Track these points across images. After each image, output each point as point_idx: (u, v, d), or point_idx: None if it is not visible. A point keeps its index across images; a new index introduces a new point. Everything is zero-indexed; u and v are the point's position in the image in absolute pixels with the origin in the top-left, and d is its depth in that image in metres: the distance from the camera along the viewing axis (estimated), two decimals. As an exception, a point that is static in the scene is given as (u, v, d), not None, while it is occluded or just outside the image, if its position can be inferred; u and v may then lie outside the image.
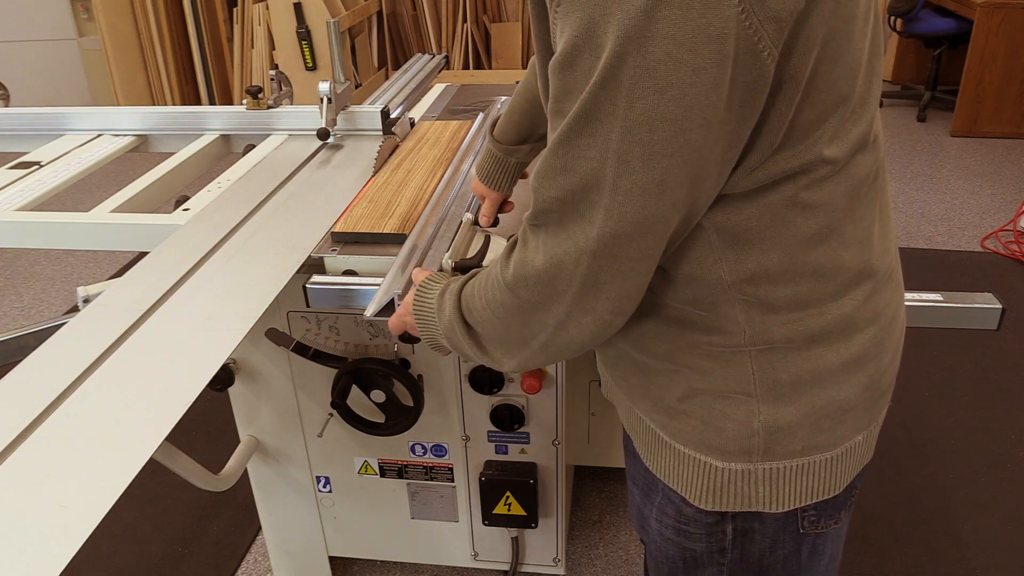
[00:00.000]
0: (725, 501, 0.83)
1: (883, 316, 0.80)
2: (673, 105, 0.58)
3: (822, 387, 0.78)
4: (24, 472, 0.79)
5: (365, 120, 1.69)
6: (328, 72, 4.36)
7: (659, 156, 0.60)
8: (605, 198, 0.63)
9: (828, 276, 0.74)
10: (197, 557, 1.86)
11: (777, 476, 0.81)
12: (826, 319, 0.75)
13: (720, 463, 0.81)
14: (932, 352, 2.51)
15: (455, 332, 0.82)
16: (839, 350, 0.77)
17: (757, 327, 0.75)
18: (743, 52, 0.58)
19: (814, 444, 0.80)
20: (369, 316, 1.01)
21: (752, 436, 0.79)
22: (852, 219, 0.73)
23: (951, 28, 4.41)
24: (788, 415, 0.78)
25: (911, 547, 1.81)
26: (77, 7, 4.80)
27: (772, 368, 0.77)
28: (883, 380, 0.82)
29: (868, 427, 0.83)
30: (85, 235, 1.35)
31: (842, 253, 0.73)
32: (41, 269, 3.27)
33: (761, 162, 0.66)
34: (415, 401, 1.38)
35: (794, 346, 0.76)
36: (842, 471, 0.83)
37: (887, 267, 0.80)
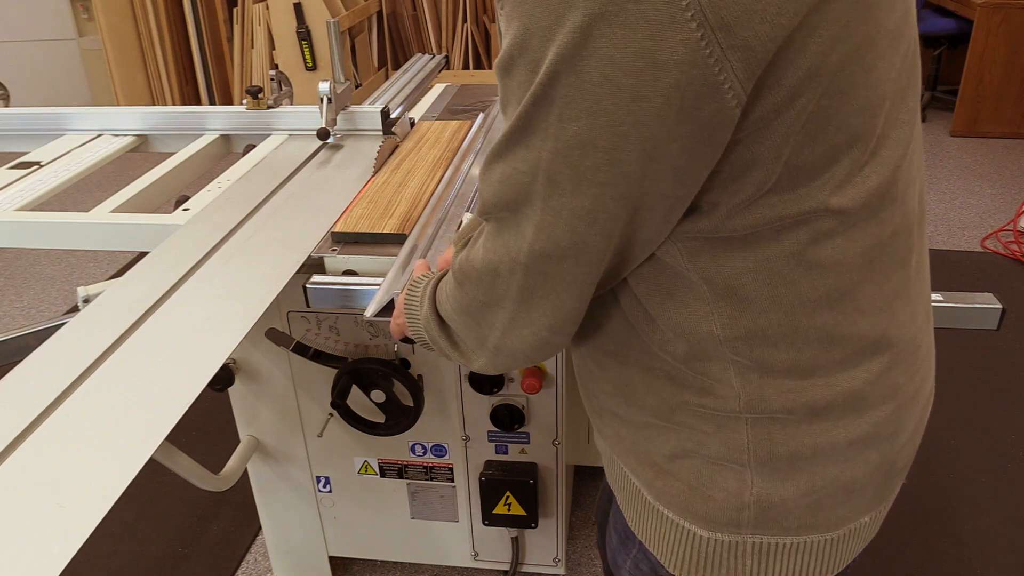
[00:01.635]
0: (707, 571, 0.76)
1: (903, 392, 0.71)
2: (607, 132, 0.53)
3: (824, 465, 0.70)
4: (24, 472, 0.79)
5: (365, 120, 1.69)
6: (328, 72, 4.36)
7: (590, 183, 0.55)
8: (536, 215, 0.59)
9: (837, 344, 0.65)
10: (197, 557, 1.85)
11: (767, 551, 0.74)
12: (833, 392, 0.67)
13: (706, 532, 0.74)
14: (932, 352, 2.50)
15: (431, 327, 0.79)
16: (847, 427, 0.69)
17: (753, 393, 0.67)
18: (699, 84, 0.51)
19: (812, 523, 0.73)
20: (369, 316, 1.01)
21: (742, 509, 0.72)
22: (870, 283, 0.64)
23: (951, 28, 4.41)
24: (784, 491, 0.71)
25: (911, 547, 1.81)
26: (77, 7, 4.80)
27: (769, 439, 0.69)
28: (898, 460, 0.75)
29: (878, 507, 0.76)
30: (85, 235, 1.35)
31: (856, 320, 0.65)
32: (41, 269, 3.27)
33: (750, 203, 0.59)
34: (415, 401, 1.38)
35: (795, 419, 0.68)
36: (842, 552, 0.76)
37: (912, 337, 0.70)
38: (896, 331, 0.68)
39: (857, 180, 0.59)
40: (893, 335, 0.68)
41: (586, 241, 0.59)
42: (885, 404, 0.70)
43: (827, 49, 0.53)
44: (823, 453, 0.70)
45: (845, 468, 0.71)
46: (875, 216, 0.62)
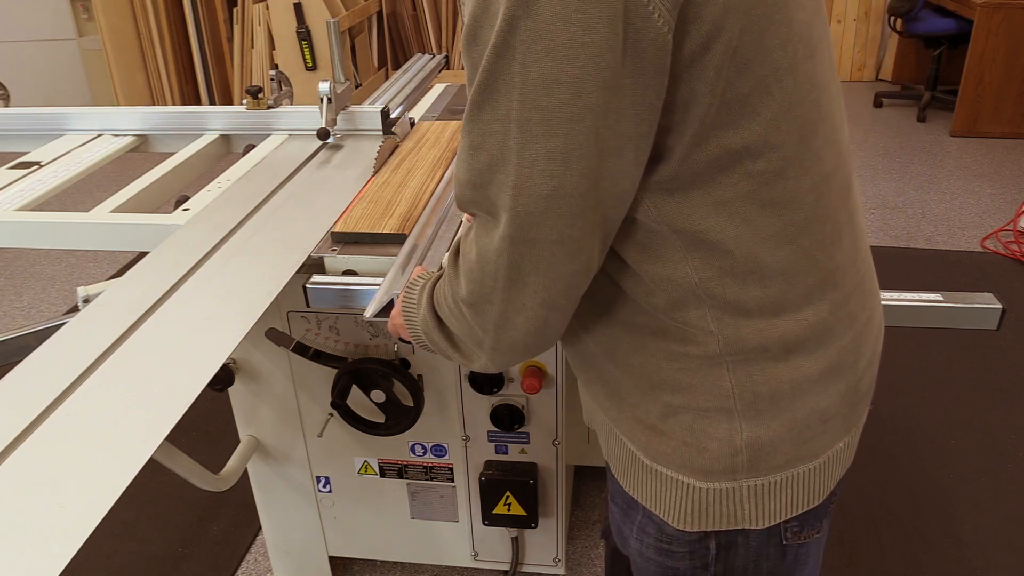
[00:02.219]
0: (708, 521, 0.80)
1: (858, 320, 0.77)
2: (567, 66, 0.57)
3: (802, 398, 0.75)
4: (24, 472, 0.79)
5: (365, 120, 1.69)
6: (328, 72, 4.36)
7: (559, 120, 0.59)
8: (511, 174, 0.62)
9: (799, 277, 0.71)
10: (197, 557, 1.86)
11: (762, 492, 0.78)
12: (801, 326, 0.72)
13: (703, 484, 0.78)
14: (932, 352, 2.51)
15: (430, 328, 0.80)
16: (818, 358, 0.74)
17: (729, 333, 0.72)
18: (634, 15, 0.56)
19: (797, 456, 0.78)
20: (369, 317, 1.01)
21: (736, 454, 0.76)
22: (821, 217, 0.70)
23: (951, 28, 4.41)
24: (771, 430, 0.75)
25: (911, 547, 1.81)
26: (77, 7, 4.80)
27: (751, 380, 0.74)
28: (861, 385, 0.81)
29: (848, 433, 0.82)
30: (85, 235, 1.35)
31: (814, 253, 0.71)
32: (41, 269, 3.27)
33: (698, 141, 0.64)
34: (415, 401, 1.38)
35: (771, 355, 0.73)
36: (825, 479, 0.82)
37: (857, 268, 0.77)
38: (846, 263, 0.74)
39: (790, 114, 0.65)
40: (845, 267, 0.74)
41: (564, 184, 0.61)
42: (846, 333, 0.76)
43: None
44: (800, 387, 0.74)
45: (819, 399, 0.76)
46: (815, 152, 0.68)
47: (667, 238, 0.69)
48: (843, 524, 1.88)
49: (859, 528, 1.87)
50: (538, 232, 0.63)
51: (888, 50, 5.39)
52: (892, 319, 1.11)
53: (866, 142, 4.34)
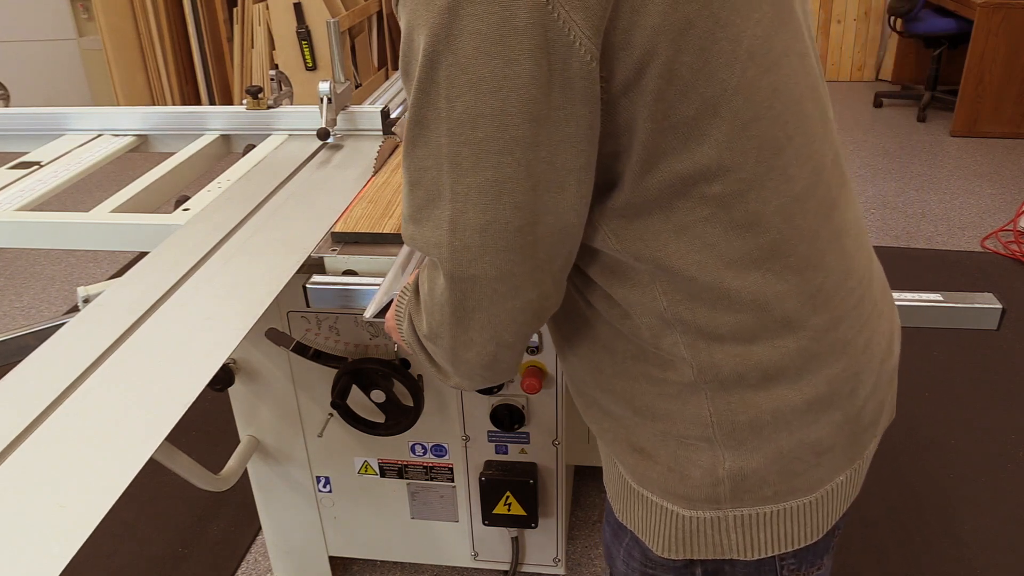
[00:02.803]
0: (693, 549, 0.78)
1: (853, 346, 0.73)
2: (491, 99, 0.56)
3: (788, 429, 0.72)
4: (24, 472, 0.79)
5: (365, 120, 1.69)
6: (328, 72, 4.36)
7: (488, 153, 0.58)
8: (447, 209, 0.61)
9: (773, 303, 0.67)
10: (197, 557, 1.86)
11: (749, 523, 0.75)
12: (780, 352, 0.69)
13: (687, 511, 0.76)
14: (932, 352, 2.51)
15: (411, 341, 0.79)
16: (802, 388, 0.71)
17: (704, 361, 0.69)
18: (556, 44, 0.55)
19: (789, 489, 0.74)
20: (368, 317, 1.01)
21: (718, 484, 0.74)
22: (793, 240, 0.66)
23: (951, 28, 4.41)
24: (754, 461, 0.73)
25: (911, 547, 1.81)
26: (77, 7, 4.80)
27: (729, 410, 0.71)
28: (862, 416, 0.76)
29: (851, 466, 0.77)
30: (85, 235, 1.35)
31: (788, 277, 0.67)
32: (41, 269, 3.27)
33: (647, 168, 0.62)
34: (415, 401, 1.38)
35: (748, 384, 0.70)
36: (823, 515, 0.78)
37: (851, 291, 0.73)
38: (833, 286, 0.70)
39: (745, 134, 0.62)
40: (830, 290, 0.70)
41: (498, 218, 0.60)
42: (837, 361, 0.72)
43: (669, 8, 0.57)
44: (783, 417, 0.71)
45: (809, 431, 0.72)
46: (780, 172, 0.64)
47: (630, 265, 0.68)
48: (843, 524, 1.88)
49: (859, 528, 1.87)
50: (476, 268, 0.62)
51: (888, 50, 5.39)
52: (892, 319, 1.11)
53: (866, 142, 4.34)
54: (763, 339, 0.69)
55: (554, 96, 0.57)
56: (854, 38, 5.41)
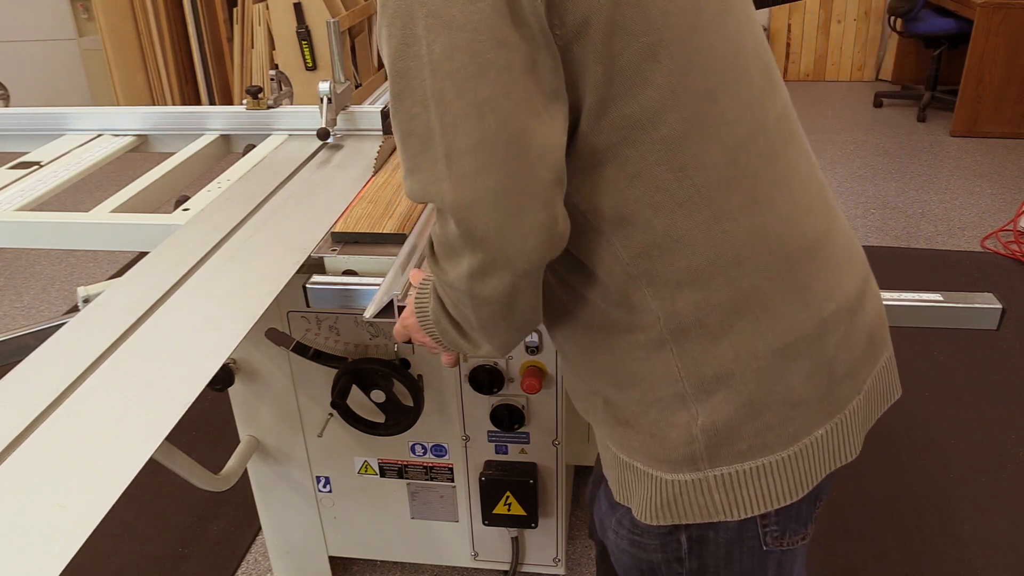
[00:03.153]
0: (679, 514, 0.80)
1: (810, 291, 0.76)
2: (462, 34, 0.63)
3: (755, 379, 0.75)
4: (24, 472, 0.79)
5: (365, 120, 1.69)
6: (328, 72, 4.36)
7: (466, 79, 0.64)
8: (440, 144, 0.66)
9: (725, 241, 0.72)
10: (197, 557, 1.86)
11: (731, 482, 0.78)
12: (735, 292, 0.73)
13: (669, 475, 0.79)
14: (932, 352, 2.51)
15: (441, 318, 0.82)
16: (763, 334, 0.74)
17: (667, 308, 0.74)
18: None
19: (763, 444, 0.77)
20: (368, 317, 1.01)
21: (692, 442, 0.77)
22: (736, 179, 0.72)
23: (951, 28, 4.41)
24: (724, 414, 0.75)
25: (911, 547, 1.81)
26: (77, 7, 4.80)
27: (695, 362, 0.75)
28: (835, 367, 0.78)
29: (830, 420, 0.79)
30: (85, 235, 1.35)
31: (736, 217, 0.72)
32: (41, 269, 3.27)
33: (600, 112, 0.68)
34: (415, 401, 1.38)
35: (710, 331, 0.74)
36: (804, 471, 0.79)
37: (804, 234, 0.76)
38: (784, 228, 0.75)
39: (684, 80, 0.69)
40: (781, 233, 0.75)
41: (485, 136, 0.65)
42: (794, 303, 0.75)
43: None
44: (748, 366, 0.75)
45: (777, 379, 0.75)
46: (719, 116, 0.71)
47: (591, 222, 0.73)
48: (843, 524, 1.88)
49: (859, 528, 1.87)
50: (477, 190, 0.66)
51: (888, 50, 5.39)
52: (892, 319, 1.11)
53: (866, 142, 4.34)
54: (718, 280, 0.73)
55: (516, 31, 0.64)
56: (854, 38, 5.41)
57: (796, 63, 5.54)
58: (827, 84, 5.48)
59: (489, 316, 0.74)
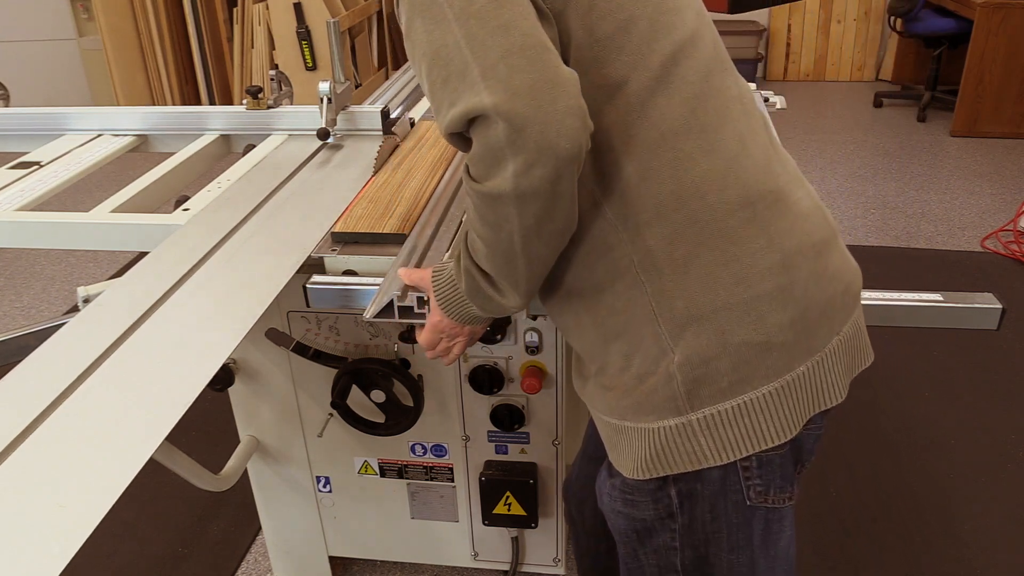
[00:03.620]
0: (670, 463, 0.83)
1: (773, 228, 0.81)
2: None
3: (726, 310, 0.79)
4: (24, 472, 0.79)
5: (365, 120, 1.69)
6: (328, 72, 4.36)
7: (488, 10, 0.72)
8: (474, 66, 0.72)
9: (687, 177, 0.79)
10: (197, 557, 1.86)
11: (714, 423, 0.80)
12: (698, 227, 0.79)
13: (654, 423, 0.82)
14: (932, 352, 2.51)
15: (475, 282, 0.85)
16: (727, 263, 0.79)
17: (639, 247, 0.80)
18: None
19: (742, 379, 0.79)
20: (369, 317, 1.01)
21: (671, 380, 0.80)
22: (696, 127, 0.80)
23: (951, 28, 4.41)
24: (697, 347, 0.79)
25: (911, 547, 1.81)
26: (77, 7, 4.80)
27: (667, 297, 0.80)
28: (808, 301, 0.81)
29: (810, 357, 0.81)
30: (85, 235, 1.35)
31: (698, 159, 0.80)
32: (41, 269, 3.28)
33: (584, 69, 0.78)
34: (415, 401, 1.38)
35: (677, 264, 0.79)
36: (787, 409, 0.81)
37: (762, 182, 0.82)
38: (743, 174, 0.81)
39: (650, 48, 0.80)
40: (741, 176, 0.81)
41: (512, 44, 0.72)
42: (758, 236, 0.80)
43: None
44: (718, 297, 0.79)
45: (747, 309, 0.79)
46: (681, 77, 0.81)
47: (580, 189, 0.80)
48: (843, 524, 1.88)
49: (859, 528, 1.87)
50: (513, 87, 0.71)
51: (888, 50, 5.39)
52: (892, 319, 1.11)
53: (866, 142, 4.34)
54: (682, 212, 0.79)
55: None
56: (854, 38, 5.41)
57: (796, 63, 5.54)
58: (827, 84, 5.48)
59: (534, 217, 0.76)
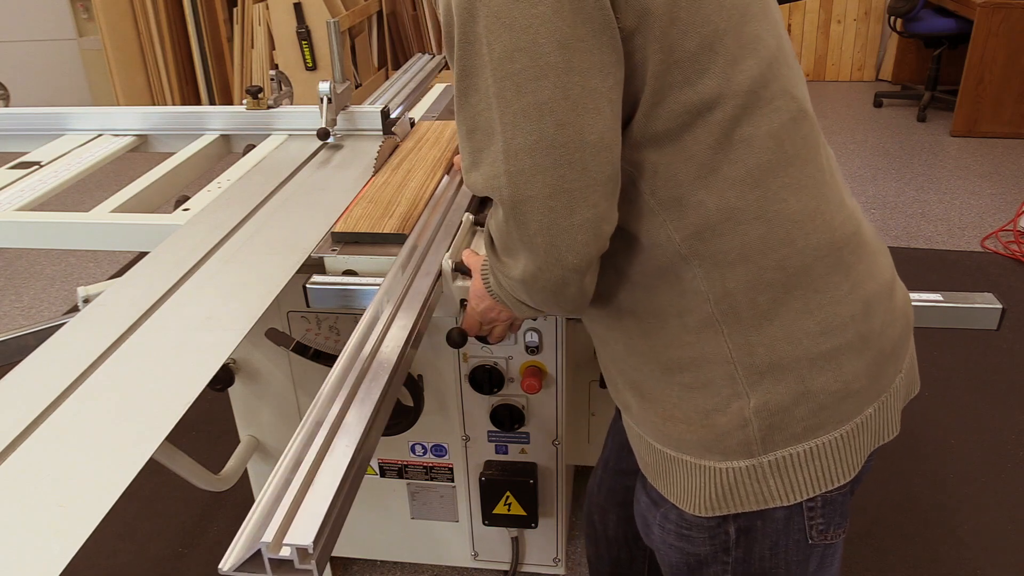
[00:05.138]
0: (735, 503, 0.80)
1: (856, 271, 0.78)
2: (523, 35, 0.65)
3: (807, 358, 0.75)
4: (24, 472, 0.79)
5: (365, 120, 1.69)
6: (328, 72, 4.36)
7: (527, 81, 0.66)
8: (500, 140, 0.69)
9: (774, 221, 0.74)
10: (197, 557, 1.86)
11: (785, 466, 0.78)
12: (787, 273, 0.75)
13: (723, 464, 0.79)
14: (932, 352, 2.51)
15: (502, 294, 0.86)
16: (813, 312, 0.75)
17: (717, 288, 0.75)
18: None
19: (817, 424, 0.77)
20: (227, 569, 0.65)
21: (746, 425, 0.77)
22: (787, 164, 0.74)
23: (951, 28, 4.41)
24: (777, 395, 0.76)
25: (911, 547, 1.81)
26: (77, 7, 4.80)
27: (747, 343, 0.76)
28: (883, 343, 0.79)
29: (877, 399, 0.80)
30: (85, 235, 1.35)
31: (786, 197, 0.74)
32: (41, 269, 3.27)
33: (658, 100, 0.71)
34: (415, 401, 1.38)
35: (761, 311, 0.75)
36: (854, 449, 0.80)
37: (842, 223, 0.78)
38: (828, 215, 0.77)
39: (737, 68, 0.72)
40: (828, 216, 0.77)
41: (543, 136, 0.67)
42: (843, 281, 0.77)
43: None
44: (800, 344, 0.76)
45: (829, 359, 0.76)
46: (768, 101, 0.74)
47: (646, 202, 0.75)
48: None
49: (859, 528, 1.87)
50: (532, 188, 0.69)
51: (888, 50, 5.39)
52: (892, 319, 1.11)
53: (866, 142, 4.34)
54: (769, 258, 0.75)
55: (578, 28, 0.66)
56: (854, 38, 5.41)
57: (796, 63, 5.54)
58: (827, 84, 5.48)
59: (543, 302, 0.78)
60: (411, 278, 1.08)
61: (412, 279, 1.08)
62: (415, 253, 1.16)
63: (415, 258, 1.14)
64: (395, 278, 1.08)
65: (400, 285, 1.06)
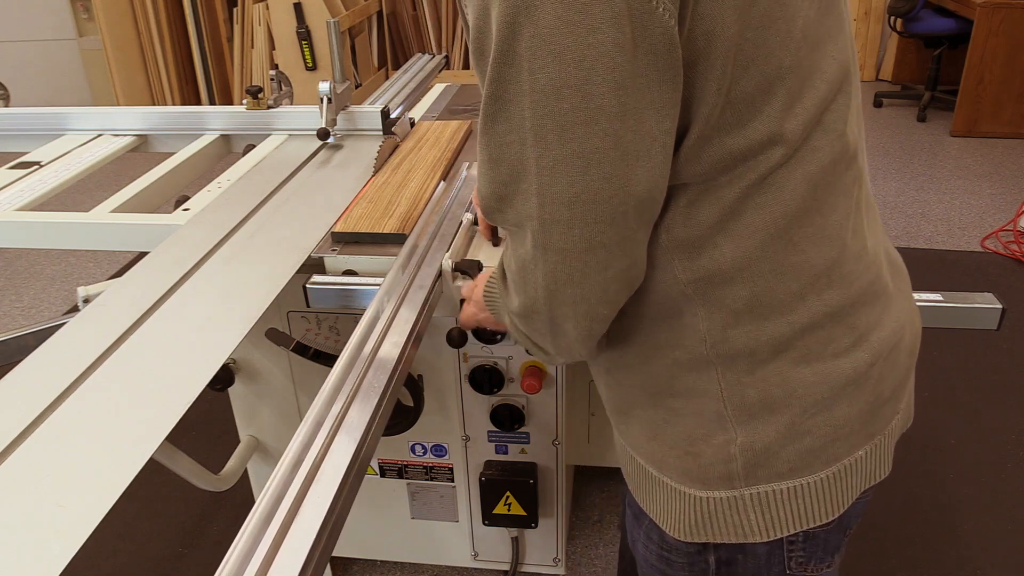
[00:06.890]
0: (711, 531, 0.78)
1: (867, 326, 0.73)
2: (574, 69, 0.55)
3: (800, 404, 0.72)
4: (24, 472, 0.79)
5: (365, 120, 1.69)
6: (328, 72, 4.36)
7: (573, 125, 0.57)
8: (533, 183, 0.61)
9: (789, 274, 0.68)
10: (197, 557, 1.86)
11: (767, 501, 0.75)
12: (793, 328, 0.70)
13: (703, 493, 0.76)
14: (932, 352, 2.50)
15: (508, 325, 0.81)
16: (812, 363, 0.71)
17: (717, 335, 0.71)
18: (637, 11, 0.55)
19: (803, 465, 0.74)
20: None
21: (730, 461, 0.74)
22: (814, 210, 0.67)
23: (951, 28, 4.41)
24: (766, 436, 0.73)
25: (911, 547, 1.81)
26: (77, 7, 4.80)
27: (739, 384, 0.72)
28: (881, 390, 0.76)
29: (870, 441, 0.77)
30: (85, 235, 1.35)
31: (806, 248, 0.68)
32: (41, 269, 3.27)
33: (703, 142, 0.63)
34: (415, 401, 1.38)
35: (758, 359, 0.71)
36: (841, 490, 0.77)
37: (865, 270, 0.73)
38: (847, 268, 0.71)
39: (791, 112, 0.63)
40: (845, 270, 0.71)
41: (587, 190, 0.59)
42: (844, 340, 0.72)
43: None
44: (794, 392, 0.71)
45: (820, 408, 0.72)
46: (811, 144, 0.65)
47: (658, 238, 0.69)
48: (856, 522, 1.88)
49: (859, 528, 1.87)
50: (567, 241, 0.61)
51: (888, 50, 5.39)
52: (892, 319, 1.11)
53: (866, 142, 4.34)
54: (777, 313, 0.69)
55: (639, 62, 0.56)
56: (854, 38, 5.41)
57: (796, 63, 5.53)
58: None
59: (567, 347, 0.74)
60: (411, 278, 1.08)
61: (412, 279, 1.08)
62: (415, 253, 1.16)
63: (415, 258, 1.14)
64: (395, 278, 1.08)
65: (400, 285, 1.06)
